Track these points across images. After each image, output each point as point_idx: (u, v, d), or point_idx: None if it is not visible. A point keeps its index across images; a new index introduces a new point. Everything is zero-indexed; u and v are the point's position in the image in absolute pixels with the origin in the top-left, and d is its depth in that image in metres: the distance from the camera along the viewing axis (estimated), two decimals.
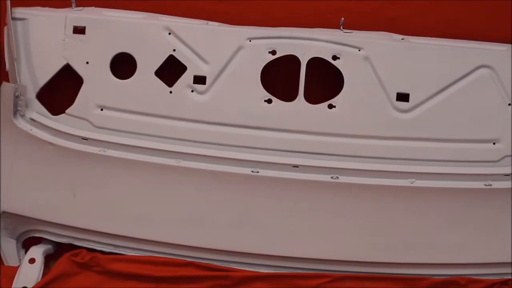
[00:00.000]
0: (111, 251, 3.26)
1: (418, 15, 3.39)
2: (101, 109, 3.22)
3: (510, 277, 3.17)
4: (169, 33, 3.17)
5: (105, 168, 3.18)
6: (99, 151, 3.17)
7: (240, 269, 3.19)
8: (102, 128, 3.21)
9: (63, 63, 3.22)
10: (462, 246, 3.19)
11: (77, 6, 3.29)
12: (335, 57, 3.15)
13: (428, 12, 3.39)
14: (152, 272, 3.14)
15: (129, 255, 3.23)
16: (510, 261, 3.21)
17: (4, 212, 3.26)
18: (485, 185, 3.13)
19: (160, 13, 3.31)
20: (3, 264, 3.30)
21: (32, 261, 3.19)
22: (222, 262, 3.22)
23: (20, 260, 3.29)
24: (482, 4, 3.40)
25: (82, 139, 3.18)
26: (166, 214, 3.20)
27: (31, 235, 3.33)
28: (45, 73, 3.23)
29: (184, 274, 3.14)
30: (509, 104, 3.15)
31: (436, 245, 3.18)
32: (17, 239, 3.32)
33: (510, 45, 3.31)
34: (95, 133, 3.20)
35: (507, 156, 3.15)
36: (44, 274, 3.16)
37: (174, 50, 3.17)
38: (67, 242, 3.29)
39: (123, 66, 3.22)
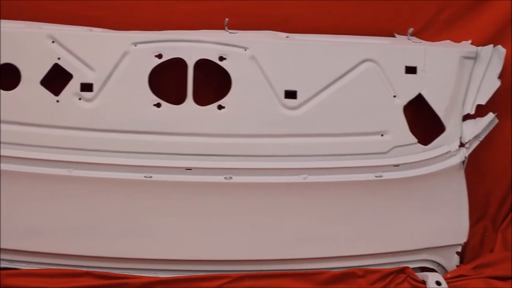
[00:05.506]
0: (6, 266, 3.17)
1: (303, 13, 3.41)
2: None
3: (405, 265, 3.24)
4: (53, 42, 3.09)
5: None
6: None
7: (139, 276, 3.15)
8: None
9: None
10: (357, 238, 3.25)
11: None
12: (221, 58, 3.13)
13: (313, 10, 3.41)
14: (49, 284, 3.06)
15: (24, 269, 3.15)
16: (404, 249, 3.30)
17: None
18: (376, 176, 3.19)
19: (42, 22, 3.25)
20: None
21: None
22: (121, 269, 3.18)
23: None
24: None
25: None
26: (60, 225, 3.14)
27: None
28: None
29: (81, 284, 3.08)
30: (394, 96, 3.21)
31: (332, 238, 3.24)
32: None
33: (392, 38, 3.40)
34: None
35: (395, 147, 3.21)
36: None
37: (59, 58, 3.10)
38: None
39: (11, 77, 3.14)
